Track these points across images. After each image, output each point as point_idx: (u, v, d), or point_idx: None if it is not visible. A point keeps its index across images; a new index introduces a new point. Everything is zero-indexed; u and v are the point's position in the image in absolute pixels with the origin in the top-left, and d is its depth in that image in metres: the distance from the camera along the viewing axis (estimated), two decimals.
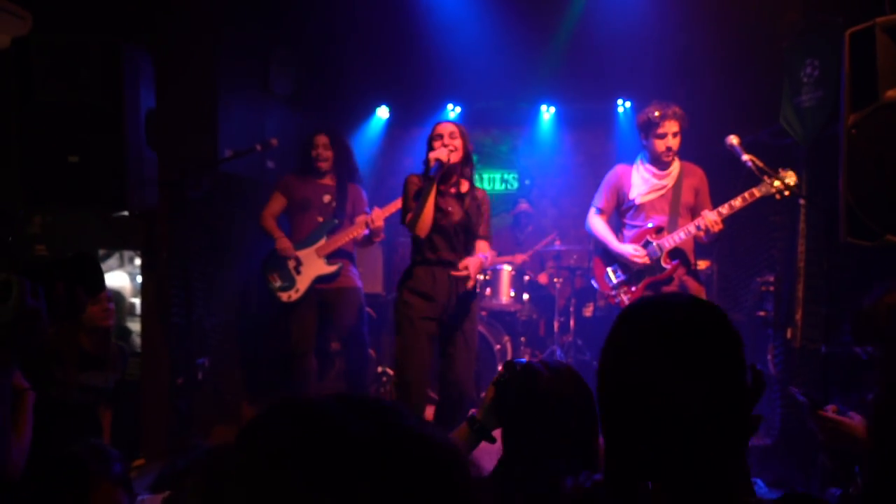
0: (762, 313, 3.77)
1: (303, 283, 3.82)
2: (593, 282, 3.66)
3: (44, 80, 2.63)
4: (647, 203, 3.42)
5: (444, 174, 3.01)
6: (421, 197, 2.93)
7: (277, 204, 3.91)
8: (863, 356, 1.83)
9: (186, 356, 3.44)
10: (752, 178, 3.59)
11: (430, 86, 5.51)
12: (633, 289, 3.45)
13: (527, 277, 4.83)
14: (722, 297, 4.45)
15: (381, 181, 6.08)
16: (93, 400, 2.73)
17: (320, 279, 3.82)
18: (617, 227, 3.61)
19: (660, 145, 3.35)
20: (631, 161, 3.57)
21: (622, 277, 3.48)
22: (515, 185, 6.01)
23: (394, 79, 5.47)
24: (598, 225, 3.57)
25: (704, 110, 4.82)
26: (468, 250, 3.10)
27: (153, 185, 2.93)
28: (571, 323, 4.79)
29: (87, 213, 3.33)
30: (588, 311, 4.99)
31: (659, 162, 3.42)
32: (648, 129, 3.38)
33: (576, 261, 4.90)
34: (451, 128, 3.03)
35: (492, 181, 6.05)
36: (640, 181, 3.45)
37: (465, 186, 3.12)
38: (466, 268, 2.90)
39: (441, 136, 3.01)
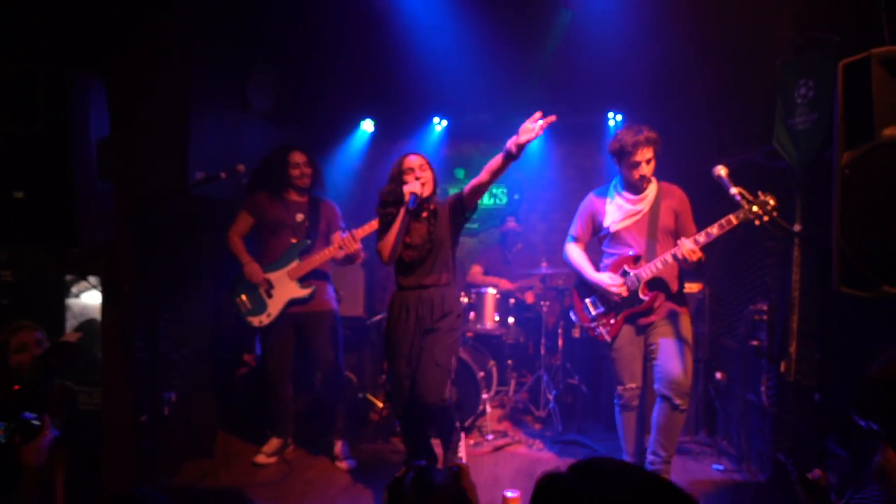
0: (755, 343, 3.61)
1: (275, 306, 3.67)
2: (571, 314, 3.49)
3: None
4: (622, 230, 3.26)
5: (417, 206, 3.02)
6: (397, 228, 2.97)
7: (244, 223, 3.77)
8: (864, 427, 1.64)
9: (151, 391, 3.28)
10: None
11: (416, 99, 5.35)
12: (612, 321, 3.29)
13: (512, 300, 4.67)
14: (714, 322, 4.28)
15: (367, 194, 5.90)
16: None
17: (294, 302, 3.67)
18: (598, 255, 3.45)
19: (634, 174, 3.19)
20: (606, 185, 3.40)
21: (601, 309, 3.31)
22: (504, 199, 5.85)
23: (378, 92, 5.31)
24: (573, 253, 3.42)
25: (696, 126, 4.67)
26: (446, 266, 3.09)
27: (108, 218, 2.77)
28: (559, 345, 4.63)
29: None
30: (576, 333, 4.82)
31: (634, 188, 3.26)
32: (621, 156, 3.22)
33: (564, 282, 4.74)
34: (420, 160, 3.06)
35: None
36: (615, 208, 3.28)
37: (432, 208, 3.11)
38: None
39: (412, 170, 3.01)
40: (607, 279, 3.22)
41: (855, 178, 1.97)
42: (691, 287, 4.25)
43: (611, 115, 5.36)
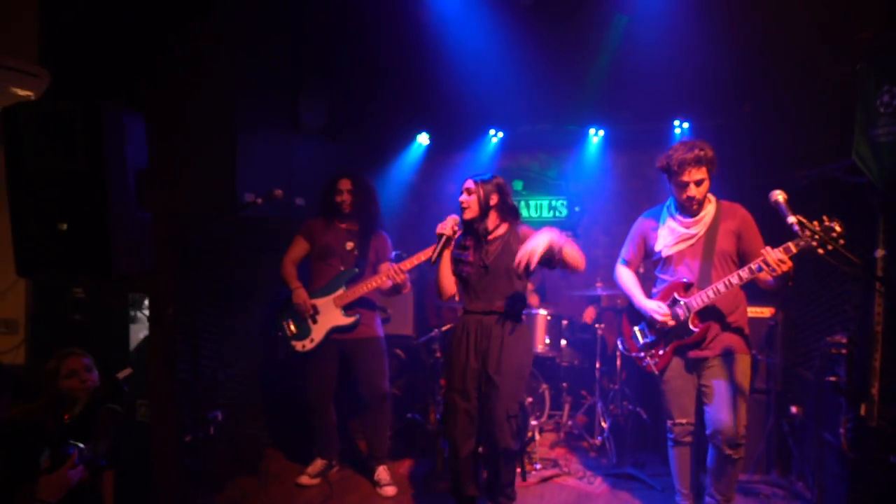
0: (833, 378, 3.23)
1: (318, 333, 3.67)
2: (619, 342, 3.27)
3: (33, 147, 2.59)
4: (675, 255, 2.99)
5: (466, 231, 3.01)
6: (440, 267, 2.97)
7: (299, 249, 3.79)
8: None
9: (196, 411, 3.35)
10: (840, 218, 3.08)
11: (471, 111, 5.24)
12: (661, 352, 3.03)
13: (565, 322, 4.45)
14: (788, 350, 3.89)
15: (423, 208, 5.87)
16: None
17: (337, 329, 3.66)
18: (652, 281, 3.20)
19: (682, 195, 2.92)
20: (659, 207, 3.14)
21: (649, 339, 3.07)
22: (564, 212, 5.62)
23: (433, 105, 5.25)
24: (624, 277, 3.20)
25: (769, 136, 4.28)
26: (511, 293, 2.96)
27: (147, 246, 2.85)
28: (618, 369, 4.37)
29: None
30: None
31: (686, 210, 2.97)
32: (669, 175, 2.95)
33: (622, 301, 4.47)
34: (469, 183, 3.00)
35: (539, 208, 5.68)
36: (667, 231, 3.02)
37: (500, 230, 3.01)
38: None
39: (462, 193, 3.01)
40: (654, 306, 2.98)
41: None
42: (762, 311, 3.89)
43: (676, 123, 5.01)
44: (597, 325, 4.29)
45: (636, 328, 3.14)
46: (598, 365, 4.31)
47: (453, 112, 5.29)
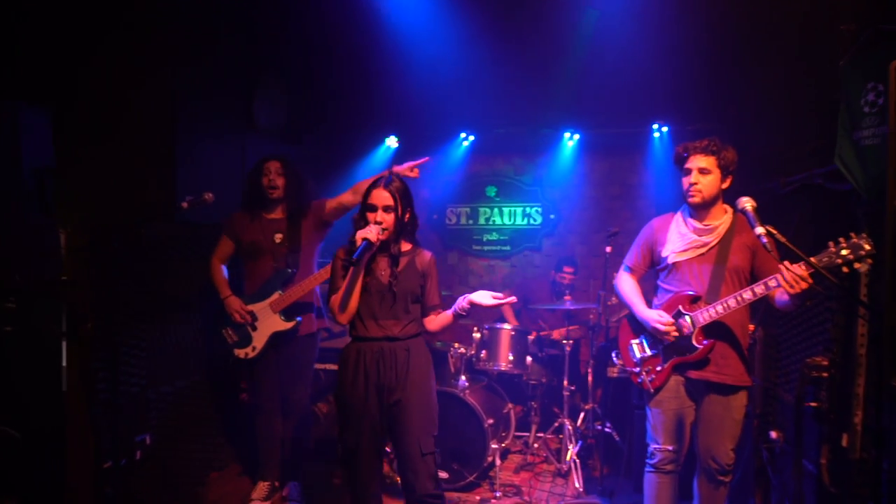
0: (813, 404, 2.95)
1: (259, 340, 3.40)
2: (614, 355, 3.00)
3: None
4: (682, 263, 2.72)
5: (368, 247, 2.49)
6: (348, 281, 2.47)
7: (225, 248, 3.50)
8: None
9: (119, 435, 3.06)
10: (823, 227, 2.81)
11: (441, 113, 5.00)
12: (659, 368, 2.76)
13: (531, 336, 4.17)
14: (768, 371, 3.61)
15: None
16: None
17: (278, 335, 3.38)
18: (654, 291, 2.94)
19: (684, 183, 2.70)
20: (673, 211, 2.88)
21: (647, 353, 2.80)
22: (539, 219, 5.35)
23: (401, 106, 5.00)
24: (625, 284, 2.92)
25: (751, 140, 4.02)
26: (413, 318, 2.57)
27: (54, 254, 2.57)
28: (590, 387, 4.10)
29: None
30: (613, 372, 4.27)
31: (697, 212, 2.72)
32: (680, 166, 2.74)
33: (593, 318, 4.20)
34: (387, 199, 2.48)
35: (513, 215, 5.42)
36: (677, 236, 2.76)
37: (406, 247, 2.61)
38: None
39: (375, 209, 2.48)
40: (655, 316, 2.71)
41: None
42: None
43: (655, 127, 4.76)
44: (565, 342, 4.00)
45: (634, 340, 2.86)
46: (566, 383, 4.03)
47: (422, 114, 5.05)
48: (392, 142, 5.38)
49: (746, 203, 2.26)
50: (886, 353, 1.55)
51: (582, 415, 4.19)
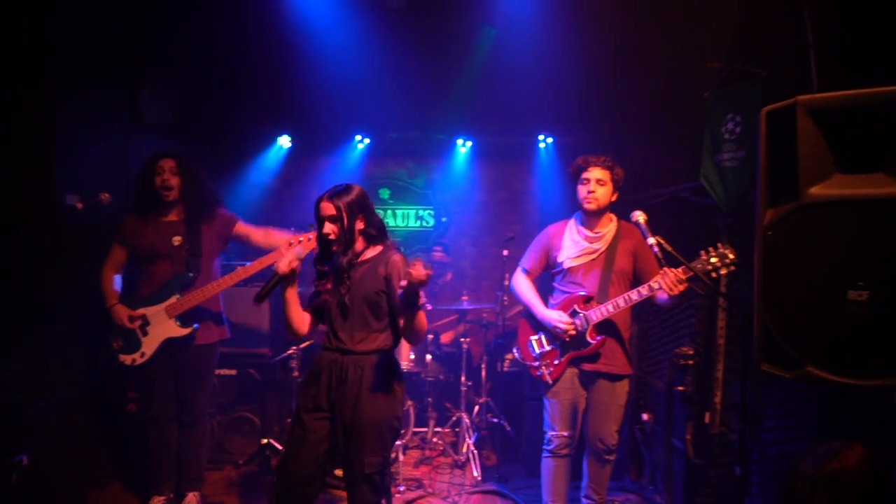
0: (681, 388, 3.39)
1: (149, 346, 3.21)
2: (515, 351, 3.23)
3: None
4: (576, 267, 3.04)
5: (324, 255, 2.53)
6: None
7: (118, 257, 3.29)
8: None
9: None
10: (687, 235, 3.21)
11: (337, 114, 4.99)
12: (556, 362, 3.05)
13: (431, 336, 4.35)
14: (640, 361, 4.08)
15: (285, 214, 5.51)
16: None
17: (172, 342, 3.23)
18: (550, 291, 3.20)
19: (581, 191, 3.01)
20: (566, 219, 3.18)
21: (546, 348, 3.07)
22: (431, 222, 5.54)
23: (296, 107, 4.93)
24: (522, 286, 3.18)
25: (628, 155, 4.47)
26: (374, 329, 2.50)
27: None
28: (483, 382, 4.35)
29: None
30: (506, 366, 4.56)
31: (589, 220, 3.05)
32: (576, 176, 3.04)
33: (487, 316, 4.46)
34: (330, 209, 2.44)
35: (406, 217, 5.55)
36: (571, 243, 3.07)
37: (368, 254, 2.53)
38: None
39: (323, 220, 2.46)
40: (556, 316, 2.99)
41: (778, 242, 1.73)
42: None
43: (541, 137, 5.13)
44: (462, 339, 4.22)
45: (534, 337, 3.12)
46: (463, 379, 4.24)
47: (318, 114, 5.02)
48: (285, 141, 5.29)
49: (640, 216, 2.58)
50: (753, 344, 1.89)
51: (476, 408, 4.43)
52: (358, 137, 5.30)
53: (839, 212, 1.65)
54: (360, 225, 2.48)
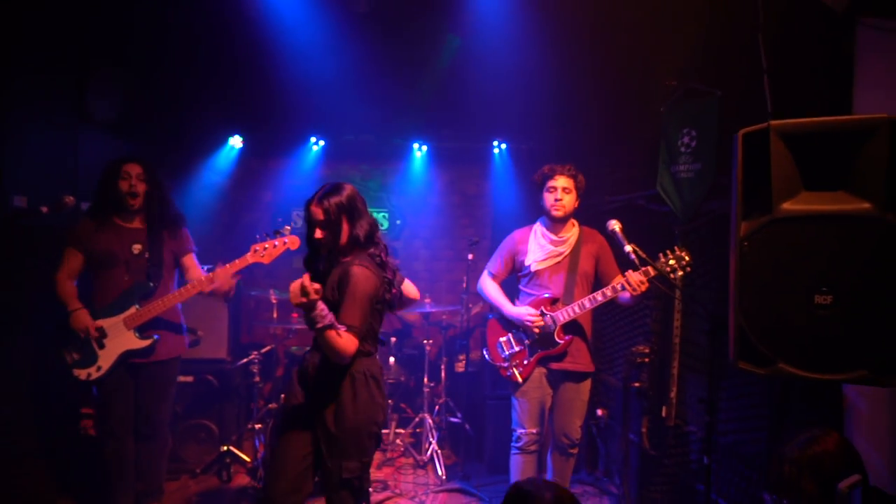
0: (637, 384, 3.60)
1: (106, 359, 3.07)
2: (484, 352, 3.33)
3: None
4: (542, 270, 3.20)
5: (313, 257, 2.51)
6: None
7: (74, 263, 3.12)
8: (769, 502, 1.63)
9: None
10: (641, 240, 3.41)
11: (290, 116, 4.93)
12: (525, 362, 3.18)
13: (394, 339, 4.39)
14: (595, 358, 4.26)
15: (236, 217, 5.39)
16: None
17: (130, 355, 3.11)
18: (515, 294, 3.33)
19: (548, 199, 3.16)
20: (531, 225, 3.32)
21: (515, 349, 3.20)
22: (386, 224, 5.56)
23: (248, 106, 4.83)
24: (490, 288, 3.32)
25: (583, 164, 4.66)
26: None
27: None
28: (442, 381, 4.43)
29: None
30: (460, 367, 4.66)
31: (554, 225, 3.20)
32: (542, 183, 3.19)
33: (448, 318, 4.55)
34: (318, 214, 2.39)
35: None
36: (537, 247, 3.23)
37: (347, 259, 2.44)
38: None
39: (314, 226, 2.42)
40: (525, 312, 3.14)
41: (752, 251, 1.91)
42: None
43: (495, 143, 5.26)
44: (425, 341, 4.29)
45: (503, 338, 3.23)
46: (426, 380, 4.31)
47: (272, 115, 4.94)
48: (236, 141, 5.17)
49: (615, 225, 2.74)
50: (721, 343, 2.08)
51: (437, 408, 4.51)
52: (313, 139, 5.25)
53: (807, 225, 1.85)
54: (345, 228, 2.40)
